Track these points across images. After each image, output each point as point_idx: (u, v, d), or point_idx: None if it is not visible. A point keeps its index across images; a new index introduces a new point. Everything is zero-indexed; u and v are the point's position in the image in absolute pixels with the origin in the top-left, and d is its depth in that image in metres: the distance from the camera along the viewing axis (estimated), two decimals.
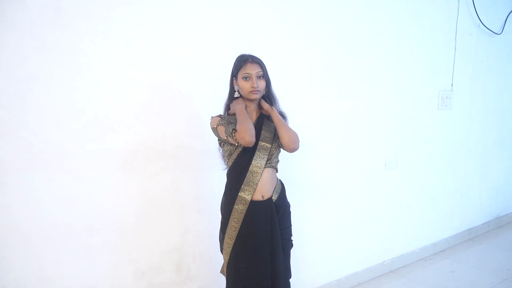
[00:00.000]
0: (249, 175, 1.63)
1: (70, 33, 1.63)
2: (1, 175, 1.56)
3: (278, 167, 1.74)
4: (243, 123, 1.56)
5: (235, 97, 1.69)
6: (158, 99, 1.88)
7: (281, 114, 1.73)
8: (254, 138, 1.58)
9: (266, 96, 1.73)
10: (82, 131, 1.70)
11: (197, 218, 2.06)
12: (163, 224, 1.96)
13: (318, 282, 2.60)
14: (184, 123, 1.96)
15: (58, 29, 1.61)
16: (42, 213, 1.65)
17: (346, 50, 2.49)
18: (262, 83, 1.64)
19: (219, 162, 1.82)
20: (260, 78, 1.63)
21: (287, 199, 1.79)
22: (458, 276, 2.95)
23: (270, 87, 1.73)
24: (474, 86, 3.44)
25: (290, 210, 1.80)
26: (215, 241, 1.88)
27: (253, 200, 1.63)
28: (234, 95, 1.70)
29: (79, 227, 1.74)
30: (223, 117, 1.66)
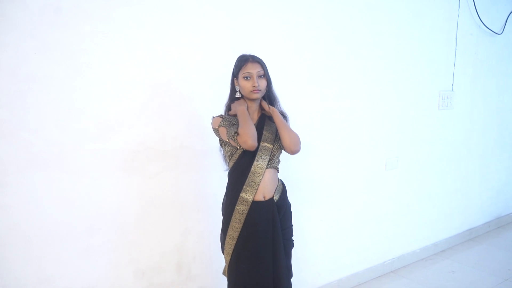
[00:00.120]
0: (250, 176, 1.62)
1: (70, 33, 1.63)
2: (1, 175, 1.56)
3: (279, 167, 1.74)
4: (245, 127, 1.55)
5: (237, 97, 1.69)
6: (158, 99, 1.88)
7: (282, 114, 1.72)
8: (256, 143, 1.57)
9: (266, 96, 1.72)
10: (82, 131, 1.70)
11: (197, 218, 2.06)
12: (164, 224, 1.96)
13: (319, 282, 2.60)
14: (184, 123, 1.96)
15: (58, 29, 1.61)
16: (42, 213, 1.65)
17: (346, 50, 2.49)
18: (263, 83, 1.63)
19: (220, 162, 1.82)
20: (261, 77, 1.63)
21: (288, 199, 1.79)
22: (459, 276, 2.95)
23: (271, 87, 1.72)
24: (474, 86, 3.44)
25: (291, 210, 1.80)
26: (216, 241, 1.89)
27: (254, 200, 1.62)
28: (235, 96, 1.69)
29: (79, 227, 1.74)
30: (225, 117, 1.65)
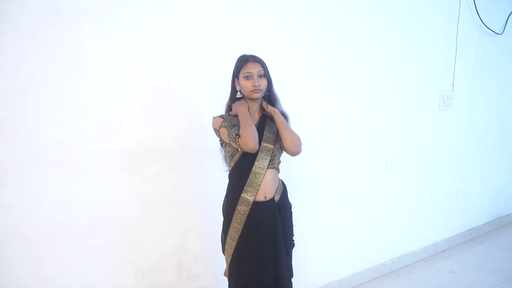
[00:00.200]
0: (251, 176, 1.61)
1: (70, 33, 1.63)
2: (1, 175, 1.56)
3: (279, 168, 1.74)
4: (247, 129, 1.54)
5: (237, 97, 1.68)
6: (158, 99, 1.88)
7: (282, 114, 1.72)
8: (258, 145, 1.57)
9: (267, 96, 1.72)
10: (82, 131, 1.70)
11: (197, 218, 2.05)
12: (164, 224, 1.96)
13: (319, 282, 2.59)
14: (184, 123, 1.96)
15: (59, 29, 1.61)
16: (42, 213, 1.65)
17: (346, 50, 2.49)
18: (263, 82, 1.63)
19: (220, 162, 1.82)
20: (261, 77, 1.63)
21: (289, 200, 1.79)
22: (459, 276, 2.95)
23: (272, 87, 1.72)
24: (475, 86, 3.44)
25: (292, 210, 1.80)
26: (216, 241, 1.89)
27: (255, 201, 1.62)
28: (235, 96, 1.68)
29: (79, 227, 1.74)
30: (226, 118, 1.65)
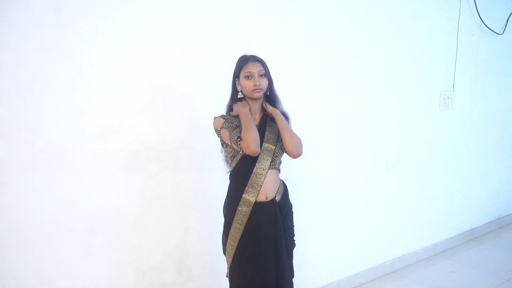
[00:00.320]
0: (253, 177, 1.61)
1: (70, 33, 1.63)
2: (1, 175, 1.56)
3: (280, 168, 1.74)
4: (249, 132, 1.54)
5: (238, 98, 1.68)
6: (158, 99, 1.88)
7: (283, 114, 1.72)
8: (259, 149, 1.56)
9: (268, 96, 1.72)
10: (82, 131, 1.70)
11: (198, 218, 2.05)
12: (164, 224, 1.96)
13: (319, 282, 2.59)
14: (184, 123, 1.96)
15: (59, 29, 1.61)
16: (42, 213, 1.65)
17: (346, 50, 2.49)
18: (264, 82, 1.63)
19: (220, 162, 1.82)
20: (262, 76, 1.63)
21: (290, 200, 1.79)
22: (459, 276, 2.94)
23: (273, 87, 1.72)
24: (475, 86, 3.44)
25: (292, 210, 1.80)
26: (217, 241, 1.88)
27: (257, 201, 1.62)
28: (236, 96, 1.68)
29: (80, 227, 1.74)
30: (227, 118, 1.64)
